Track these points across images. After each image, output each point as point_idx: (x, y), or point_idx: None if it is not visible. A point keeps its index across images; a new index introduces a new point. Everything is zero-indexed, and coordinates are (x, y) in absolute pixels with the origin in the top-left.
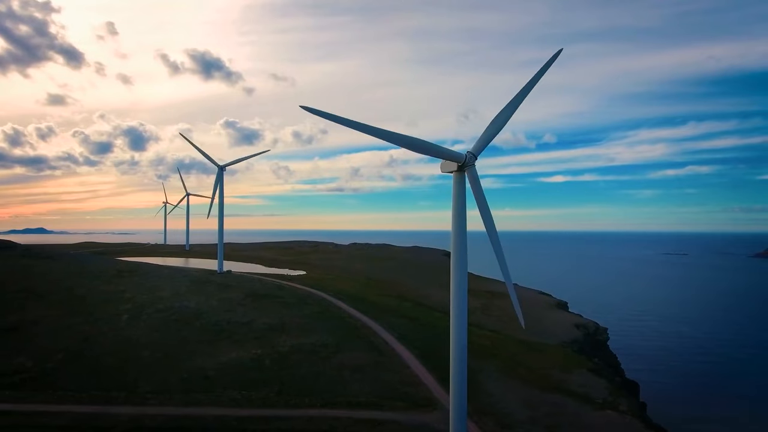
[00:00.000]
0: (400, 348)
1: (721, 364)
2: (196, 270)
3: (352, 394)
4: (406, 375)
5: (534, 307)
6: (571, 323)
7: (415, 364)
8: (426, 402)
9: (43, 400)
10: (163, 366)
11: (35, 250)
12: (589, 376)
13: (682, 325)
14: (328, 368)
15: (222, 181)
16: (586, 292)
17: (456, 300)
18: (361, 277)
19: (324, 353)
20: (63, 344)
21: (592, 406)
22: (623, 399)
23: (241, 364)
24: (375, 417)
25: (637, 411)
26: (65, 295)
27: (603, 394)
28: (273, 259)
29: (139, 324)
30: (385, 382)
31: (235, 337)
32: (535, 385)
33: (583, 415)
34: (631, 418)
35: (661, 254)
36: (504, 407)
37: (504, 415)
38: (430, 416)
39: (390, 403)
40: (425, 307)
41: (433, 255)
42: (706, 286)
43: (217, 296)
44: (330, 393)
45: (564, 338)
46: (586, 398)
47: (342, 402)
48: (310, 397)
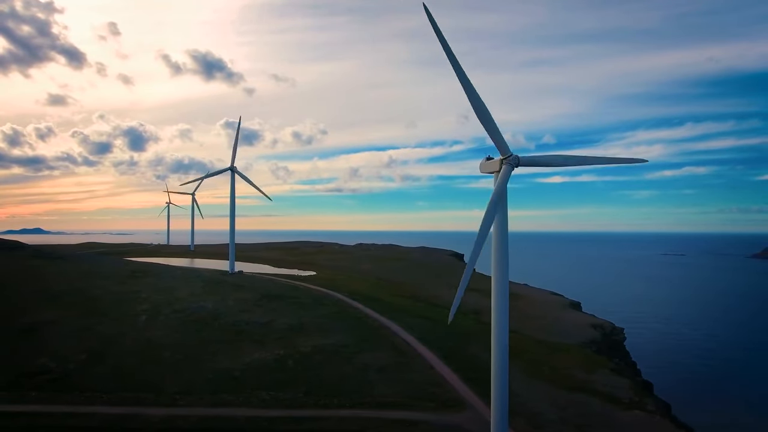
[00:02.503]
0: (421, 348)
1: (728, 366)
2: (207, 270)
3: (380, 395)
4: (431, 375)
5: (548, 307)
6: (587, 324)
7: (439, 364)
8: (454, 402)
9: (71, 402)
10: (187, 366)
11: (45, 250)
12: (612, 376)
13: (684, 325)
14: (352, 369)
15: (234, 182)
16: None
17: (497, 300)
18: (371, 277)
19: (346, 353)
20: (84, 345)
21: (619, 406)
22: (648, 399)
23: (265, 365)
24: (406, 418)
25: (663, 411)
26: (80, 296)
27: (628, 394)
28: (279, 260)
29: (158, 325)
30: (411, 382)
31: (256, 338)
32: (560, 385)
33: (612, 414)
34: (660, 418)
35: (659, 255)
36: (533, 407)
37: (534, 415)
38: (460, 417)
39: (419, 404)
40: (440, 307)
41: (440, 255)
42: (707, 287)
43: (232, 297)
44: (357, 393)
45: (582, 339)
46: (612, 398)
47: (371, 402)
48: (338, 398)
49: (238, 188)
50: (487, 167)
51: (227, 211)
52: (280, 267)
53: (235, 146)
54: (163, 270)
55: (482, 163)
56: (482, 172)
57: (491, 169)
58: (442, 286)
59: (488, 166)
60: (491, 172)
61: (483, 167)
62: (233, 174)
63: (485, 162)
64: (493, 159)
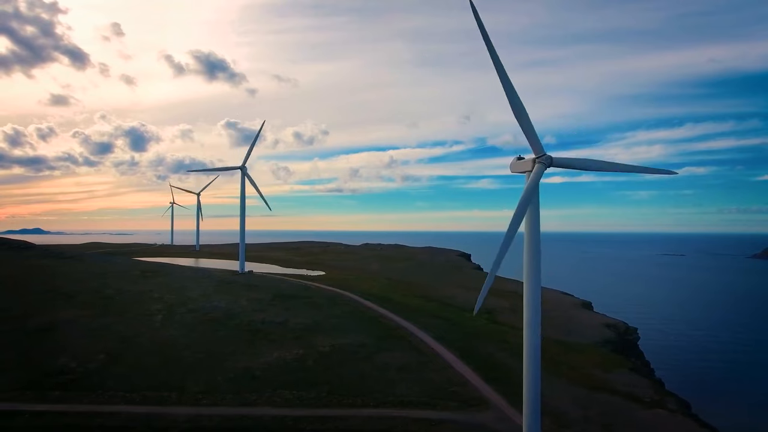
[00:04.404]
0: (439, 348)
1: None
2: (217, 270)
3: (402, 394)
4: (452, 375)
5: (560, 307)
6: (601, 323)
7: (458, 364)
8: (477, 402)
9: (95, 401)
10: (207, 366)
11: (55, 250)
12: (631, 375)
13: (688, 325)
14: (373, 368)
15: (244, 182)
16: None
17: (530, 301)
18: (380, 277)
19: (364, 353)
20: (102, 345)
21: (641, 405)
22: (669, 398)
23: (285, 364)
24: (430, 417)
25: (684, 410)
26: (94, 296)
27: (649, 392)
28: (286, 260)
29: (174, 324)
30: (432, 382)
31: (272, 337)
32: (581, 385)
33: (634, 413)
34: (682, 417)
35: (659, 255)
36: (557, 406)
37: (559, 414)
38: (484, 416)
39: (441, 403)
40: (453, 307)
41: (448, 255)
42: (708, 287)
43: (245, 296)
44: (380, 393)
45: (597, 338)
46: (633, 397)
47: (394, 402)
48: (362, 398)
49: (236, 188)
50: (518, 167)
51: (229, 211)
52: (287, 267)
53: (251, 148)
54: (173, 270)
55: (513, 163)
56: (513, 172)
57: (523, 168)
58: (453, 286)
59: (519, 166)
60: (522, 171)
61: (514, 167)
62: (243, 174)
63: (516, 161)
64: (524, 158)
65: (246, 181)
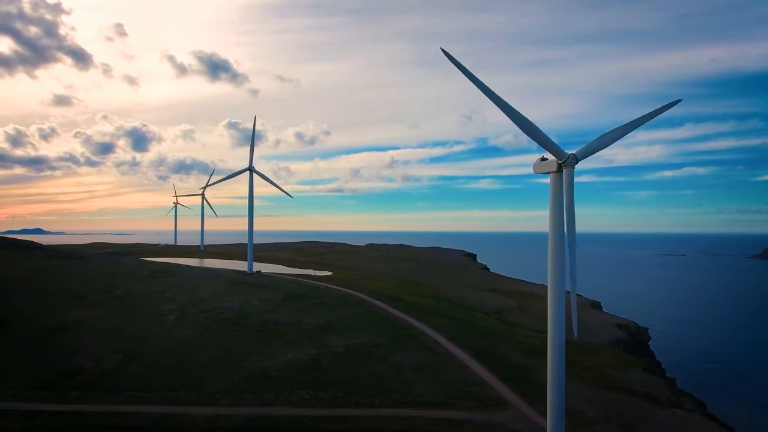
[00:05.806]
0: (453, 348)
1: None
2: (226, 270)
3: (420, 394)
4: (467, 375)
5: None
6: (612, 323)
7: (473, 364)
8: (494, 401)
9: (113, 401)
10: (224, 366)
11: (63, 250)
12: (646, 375)
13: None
14: (388, 368)
15: (252, 182)
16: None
17: (554, 301)
18: (388, 277)
19: (379, 353)
20: (117, 345)
21: (658, 405)
22: (686, 397)
23: (301, 364)
24: (449, 417)
25: (701, 410)
26: (105, 296)
27: (665, 392)
28: (292, 260)
29: (187, 324)
30: (449, 381)
31: (286, 337)
32: (597, 385)
33: (652, 413)
34: (700, 417)
35: (659, 255)
36: (575, 406)
37: (577, 414)
38: (503, 416)
39: (459, 403)
40: (463, 307)
41: (453, 255)
42: (709, 288)
43: (256, 297)
44: (397, 393)
45: (609, 338)
46: (650, 397)
47: (412, 401)
48: (380, 397)
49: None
50: (542, 167)
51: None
52: (294, 267)
53: (252, 147)
54: (182, 270)
55: (537, 164)
56: (536, 172)
57: (547, 169)
58: (461, 285)
59: (543, 167)
60: (546, 172)
61: (537, 167)
62: (251, 174)
63: (540, 162)
64: (548, 160)
65: (254, 181)
